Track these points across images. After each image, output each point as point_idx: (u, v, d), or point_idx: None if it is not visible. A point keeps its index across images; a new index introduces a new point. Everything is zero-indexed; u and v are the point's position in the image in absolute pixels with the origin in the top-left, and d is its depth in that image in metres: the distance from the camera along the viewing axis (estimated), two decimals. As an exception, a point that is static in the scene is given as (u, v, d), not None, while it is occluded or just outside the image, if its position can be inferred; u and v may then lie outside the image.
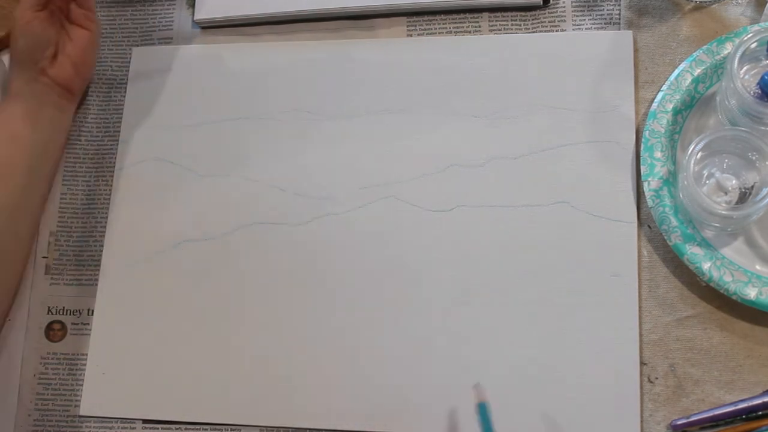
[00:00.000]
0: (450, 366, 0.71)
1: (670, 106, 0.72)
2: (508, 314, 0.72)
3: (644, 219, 0.72)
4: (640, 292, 0.70)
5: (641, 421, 0.67)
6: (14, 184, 0.74)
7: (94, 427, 0.75)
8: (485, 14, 0.81)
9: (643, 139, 0.72)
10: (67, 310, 0.78)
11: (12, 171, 0.75)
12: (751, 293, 0.66)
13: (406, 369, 0.72)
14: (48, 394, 0.76)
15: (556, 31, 0.79)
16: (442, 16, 0.82)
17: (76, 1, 0.78)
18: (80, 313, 0.78)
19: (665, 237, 0.69)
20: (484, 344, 0.71)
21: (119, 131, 0.83)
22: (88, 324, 0.77)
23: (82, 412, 0.75)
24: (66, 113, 0.80)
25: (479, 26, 0.81)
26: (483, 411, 0.66)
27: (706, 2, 0.76)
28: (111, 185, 0.81)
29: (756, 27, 0.72)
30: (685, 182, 0.67)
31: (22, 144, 0.75)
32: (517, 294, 0.72)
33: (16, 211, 0.75)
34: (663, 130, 0.72)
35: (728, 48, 0.72)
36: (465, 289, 0.73)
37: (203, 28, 0.86)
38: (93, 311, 0.78)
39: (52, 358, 0.77)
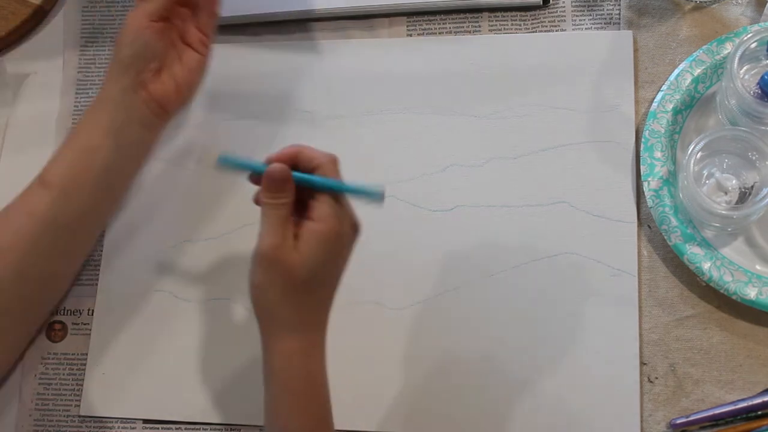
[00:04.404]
0: (449, 365, 0.71)
1: (670, 106, 0.72)
2: (507, 314, 0.72)
3: (644, 219, 0.72)
4: (640, 292, 0.70)
5: (641, 421, 0.67)
6: (80, 202, 0.68)
7: (94, 427, 0.75)
8: (485, 14, 0.81)
9: (643, 139, 0.72)
10: (67, 311, 0.78)
11: (80, 187, 0.68)
12: (751, 293, 0.66)
13: (404, 368, 0.72)
14: (48, 394, 0.76)
15: (556, 31, 0.79)
16: (442, 16, 0.82)
17: (197, 25, 0.72)
18: (80, 313, 0.78)
19: (665, 237, 0.69)
20: (483, 344, 0.71)
21: (119, 131, 0.83)
22: (88, 324, 0.77)
23: (82, 412, 0.75)
24: (153, 133, 0.72)
25: (479, 26, 0.81)
26: None
27: (706, 2, 0.76)
28: (111, 185, 0.81)
29: (756, 27, 0.72)
30: (685, 182, 0.67)
31: (98, 157, 0.68)
32: (516, 294, 0.72)
33: (74, 232, 0.69)
34: (663, 130, 0.72)
35: (728, 48, 0.72)
36: (464, 289, 0.73)
37: (203, 28, 0.86)
38: (93, 311, 0.78)
39: (53, 358, 0.77)
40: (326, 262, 0.61)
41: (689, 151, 0.67)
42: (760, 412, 0.66)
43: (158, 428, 0.74)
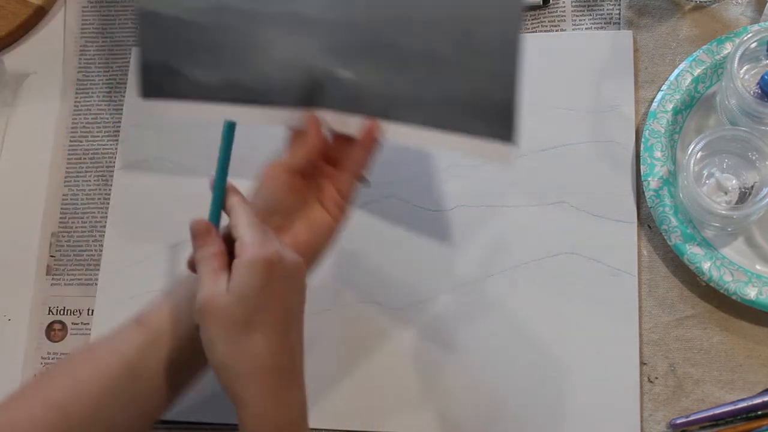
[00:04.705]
0: (448, 365, 0.71)
1: (670, 106, 0.72)
2: (507, 314, 0.72)
3: (644, 219, 0.72)
4: (640, 292, 0.70)
5: (641, 421, 0.67)
6: (169, 350, 0.61)
7: (94, 427, 0.75)
8: (485, 14, 0.81)
9: (643, 139, 0.72)
10: (67, 310, 0.78)
11: (173, 334, 0.61)
12: (751, 293, 0.66)
13: (404, 368, 0.72)
14: (48, 395, 0.76)
15: (556, 31, 0.79)
16: (442, 16, 0.81)
17: (335, 184, 0.64)
18: (80, 313, 0.78)
19: (665, 237, 0.69)
20: (483, 344, 0.71)
21: (119, 131, 0.83)
22: (88, 324, 0.77)
23: (82, 412, 0.75)
24: None
25: (479, 26, 0.80)
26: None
27: (706, 2, 0.76)
28: (111, 185, 0.81)
29: (756, 27, 0.72)
30: (685, 182, 0.67)
31: (164, 341, 0.61)
32: (516, 294, 0.72)
33: (156, 380, 0.61)
34: (663, 130, 0.72)
35: (728, 48, 0.72)
36: (464, 289, 0.73)
37: (203, 28, 0.86)
38: (93, 311, 0.78)
39: (53, 358, 0.77)
40: (260, 294, 0.55)
41: (689, 151, 0.67)
42: (760, 412, 0.66)
43: (158, 428, 0.74)
